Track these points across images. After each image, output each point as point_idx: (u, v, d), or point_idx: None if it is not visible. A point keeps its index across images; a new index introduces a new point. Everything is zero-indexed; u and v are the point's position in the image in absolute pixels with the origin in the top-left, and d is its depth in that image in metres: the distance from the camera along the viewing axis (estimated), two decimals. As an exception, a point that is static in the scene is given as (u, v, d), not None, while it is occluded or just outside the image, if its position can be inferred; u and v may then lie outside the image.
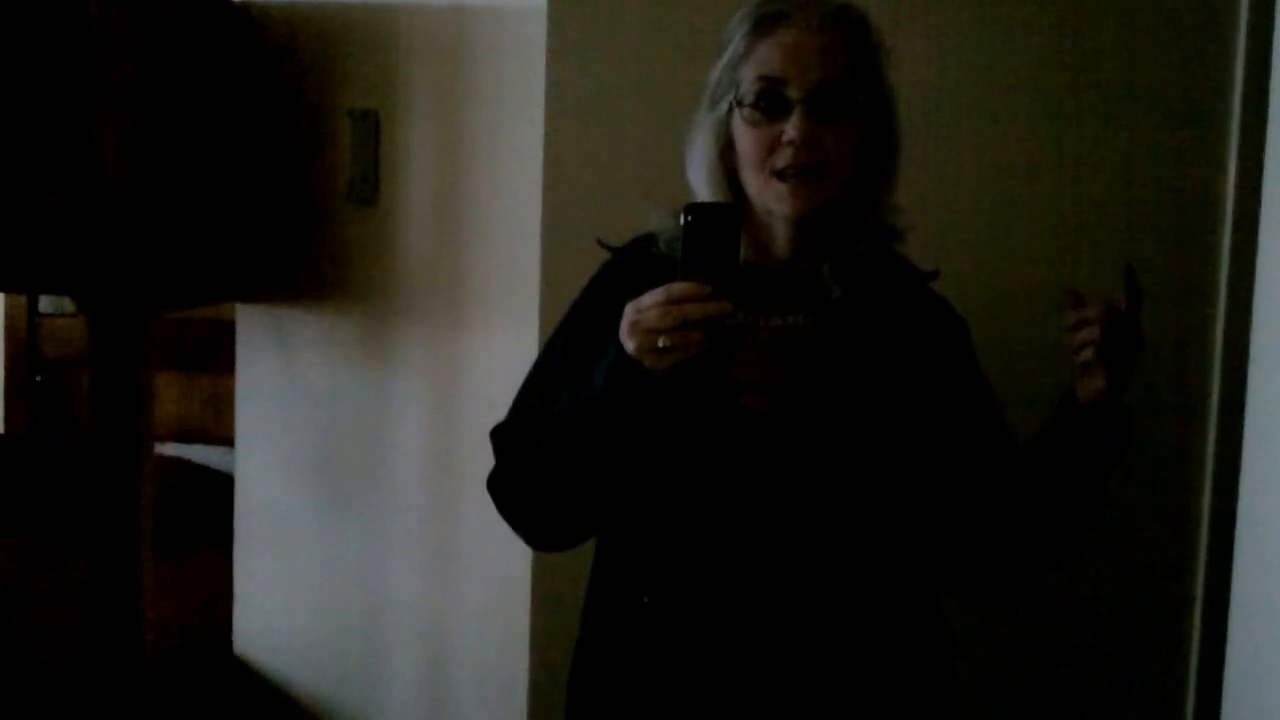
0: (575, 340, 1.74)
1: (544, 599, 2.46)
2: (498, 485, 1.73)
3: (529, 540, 1.77)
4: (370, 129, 2.74)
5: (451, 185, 2.68)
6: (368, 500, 2.91)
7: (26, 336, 4.30)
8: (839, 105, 1.65)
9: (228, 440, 3.53)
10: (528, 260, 2.48)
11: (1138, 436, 1.72)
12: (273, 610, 3.22)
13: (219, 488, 3.48)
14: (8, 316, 4.33)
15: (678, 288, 1.49)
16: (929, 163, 2.34)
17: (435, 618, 2.77)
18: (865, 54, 1.71)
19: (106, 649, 2.88)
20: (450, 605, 2.74)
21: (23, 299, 4.27)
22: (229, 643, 3.28)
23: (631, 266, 1.72)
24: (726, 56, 1.71)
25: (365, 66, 2.76)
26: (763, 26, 1.68)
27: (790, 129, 1.63)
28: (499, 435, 1.74)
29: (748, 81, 1.67)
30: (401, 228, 2.76)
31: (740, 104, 1.68)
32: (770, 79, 1.66)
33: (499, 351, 2.57)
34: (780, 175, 1.65)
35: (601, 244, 1.79)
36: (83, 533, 2.91)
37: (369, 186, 2.76)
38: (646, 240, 1.76)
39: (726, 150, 1.71)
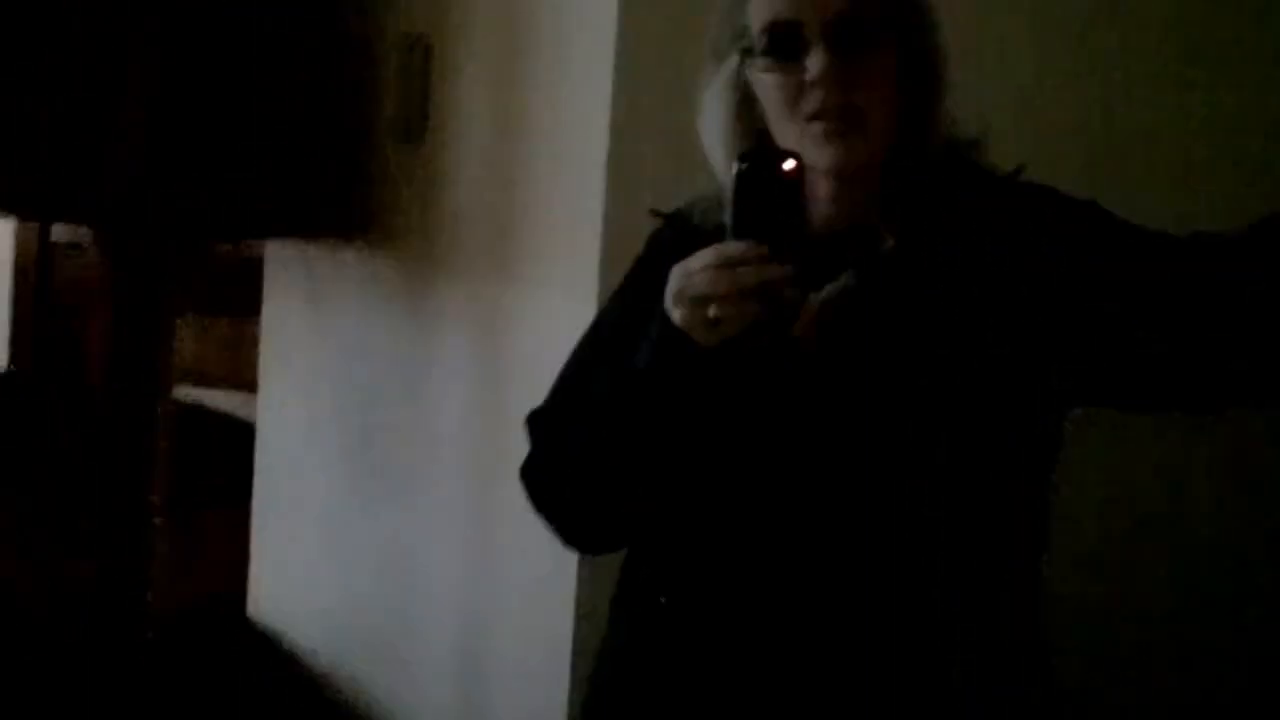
0: (621, 317, 1.61)
1: (590, 586, 2.29)
2: (532, 475, 1.61)
3: (566, 538, 1.64)
4: (420, 57, 2.59)
5: (508, 123, 2.50)
6: (400, 461, 2.74)
7: (37, 268, 4.23)
8: (866, 34, 1.48)
9: (248, 386, 3.45)
10: (590, 210, 2.30)
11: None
12: (292, 573, 3.08)
13: (239, 437, 3.37)
14: (17, 246, 4.26)
15: (730, 248, 1.37)
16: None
17: (472, 602, 2.60)
18: None
19: (113, 606, 2.83)
20: (489, 589, 2.56)
21: (34, 228, 4.19)
22: (243, 606, 3.17)
23: (684, 233, 1.56)
24: (722, 2, 1.54)
25: (416, -14, 2.62)
26: None
27: (812, 66, 1.46)
28: (536, 421, 1.61)
29: (754, 29, 1.50)
30: (450, 168, 2.58)
31: (750, 54, 1.51)
32: (779, 24, 1.48)
33: (553, 310, 2.39)
34: (812, 120, 1.48)
35: (655, 213, 1.65)
36: (92, 482, 2.85)
37: (417, 121, 2.60)
38: (703, 203, 1.60)
39: (749, 106, 1.54)
